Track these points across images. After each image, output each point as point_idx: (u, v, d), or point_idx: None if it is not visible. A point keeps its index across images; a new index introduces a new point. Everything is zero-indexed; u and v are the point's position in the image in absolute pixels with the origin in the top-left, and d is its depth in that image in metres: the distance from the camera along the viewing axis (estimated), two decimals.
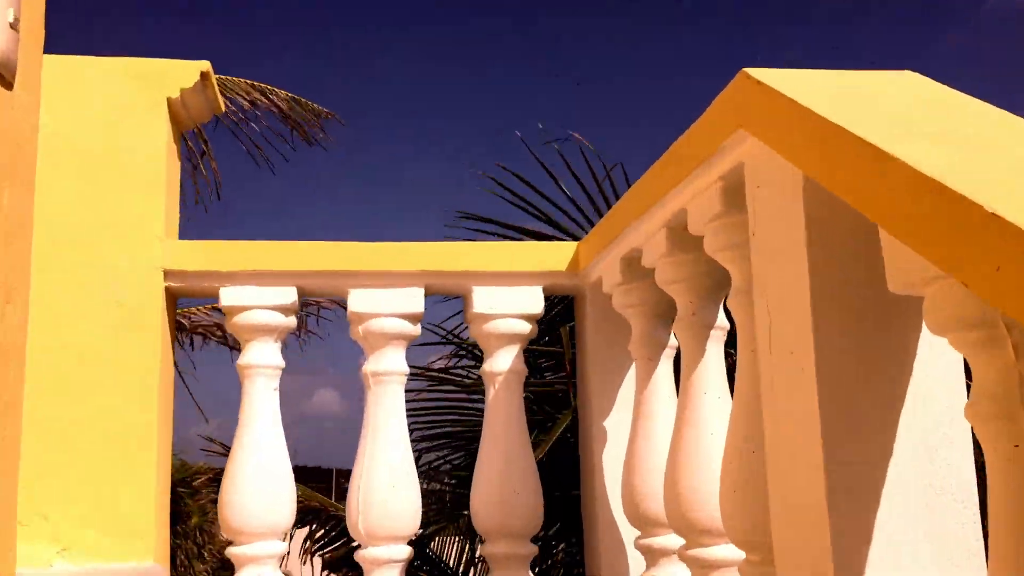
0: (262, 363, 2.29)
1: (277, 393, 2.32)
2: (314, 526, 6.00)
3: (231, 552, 2.21)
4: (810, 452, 1.21)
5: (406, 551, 2.26)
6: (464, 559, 5.17)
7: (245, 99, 7.73)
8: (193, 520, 16.35)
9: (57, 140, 2.23)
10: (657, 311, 2.14)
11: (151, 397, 2.18)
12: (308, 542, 5.85)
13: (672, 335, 2.15)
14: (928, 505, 1.17)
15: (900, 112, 1.23)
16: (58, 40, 2.08)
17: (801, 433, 1.23)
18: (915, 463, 1.18)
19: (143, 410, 2.17)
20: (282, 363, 2.34)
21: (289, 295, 2.31)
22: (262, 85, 7.90)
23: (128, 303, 2.20)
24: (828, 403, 1.19)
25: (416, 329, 2.37)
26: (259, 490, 2.22)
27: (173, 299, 2.33)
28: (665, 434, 2.05)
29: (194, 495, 15.92)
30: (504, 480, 2.30)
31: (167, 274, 2.25)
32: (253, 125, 7.96)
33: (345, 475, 2.41)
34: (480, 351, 2.57)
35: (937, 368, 1.21)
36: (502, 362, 2.38)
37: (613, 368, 2.42)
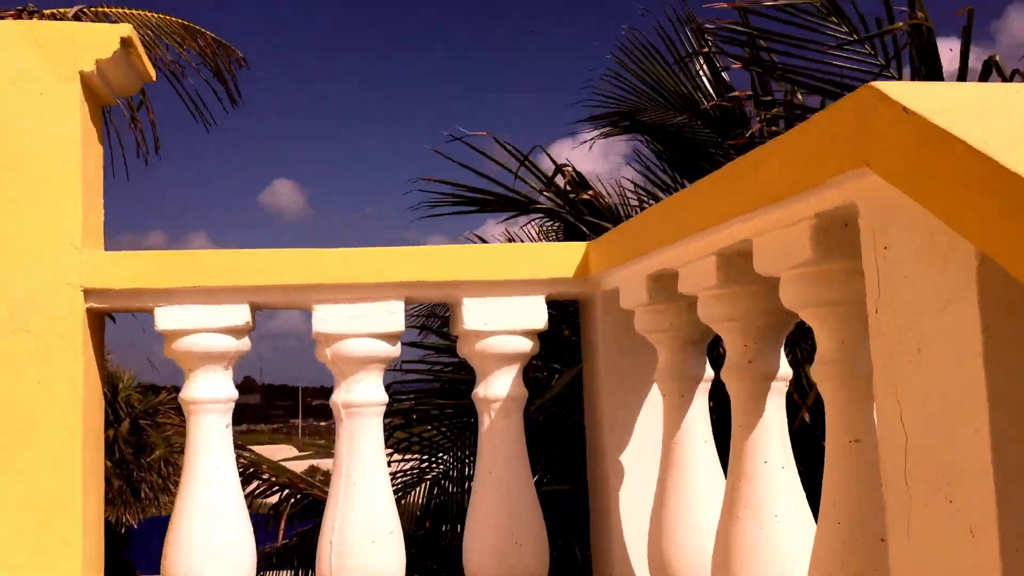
0: (211, 397, 1.89)
1: (230, 431, 1.93)
2: (284, 494, 5.80)
3: None
4: None
5: None
6: None
7: (178, 43, 7.00)
8: (157, 452, 16.03)
9: None
10: (692, 338, 1.77)
11: (73, 446, 1.77)
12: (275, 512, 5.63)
13: (708, 366, 1.79)
14: None
15: None
16: None
17: None
18: None
19: (64, 467, 1.76)
20: (235, 394, 1.94)
21: (241, 314, 1.90)
22: (192, 25, 7.15)
23: (38, 331, 1.78)
24: None
25: (395, 349, 1.97)
26: (210, 549, 1.84)
27: (99, 321, 1.91)
28: (703, 491, 1.71)
29: (158, 427, 15.56)
30: (504, 529, 1.94)
31: (88, 293, 1.82)
32: (189, 78, 7.21)
33: (310, 392, 2.04)
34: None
35: None
36: (499, 387, 2.00)
37: (630, 389, 2.05)
